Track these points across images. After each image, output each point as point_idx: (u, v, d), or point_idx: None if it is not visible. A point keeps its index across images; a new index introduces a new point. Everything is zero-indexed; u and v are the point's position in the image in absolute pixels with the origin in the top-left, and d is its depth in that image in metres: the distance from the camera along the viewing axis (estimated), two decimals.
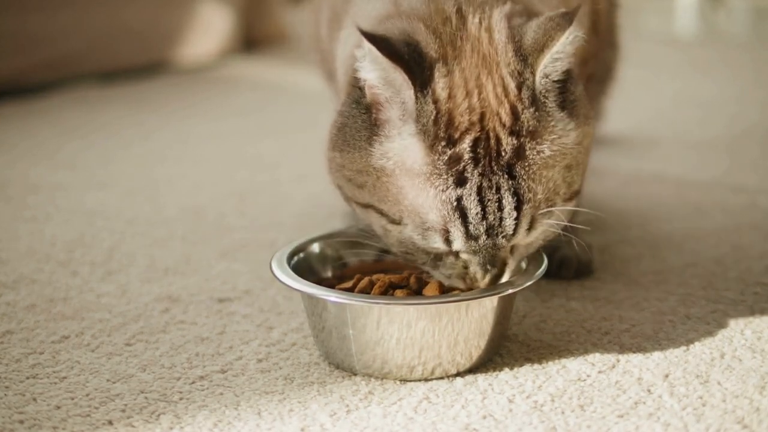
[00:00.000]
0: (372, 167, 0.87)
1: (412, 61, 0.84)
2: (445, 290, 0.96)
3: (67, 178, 1.66)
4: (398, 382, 0.91)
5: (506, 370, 0.94)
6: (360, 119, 0.89)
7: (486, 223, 0.85)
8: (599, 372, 0.93)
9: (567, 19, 0.85)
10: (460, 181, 0.84)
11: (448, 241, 0.86)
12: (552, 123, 0.86)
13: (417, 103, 0.84)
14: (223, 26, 2.82)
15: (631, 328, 1.02)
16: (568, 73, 0.88)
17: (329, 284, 1.00)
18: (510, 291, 0.91)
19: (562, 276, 1.15)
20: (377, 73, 0.85)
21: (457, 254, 0.89)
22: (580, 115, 0.88)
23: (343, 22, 1.01)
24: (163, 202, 1.51)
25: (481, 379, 0.92)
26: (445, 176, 0.84)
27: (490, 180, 0.84)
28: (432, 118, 0.84)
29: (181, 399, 0.89)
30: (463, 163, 0.84)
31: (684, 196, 1.49)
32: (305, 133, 1.98)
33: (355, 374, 0.93)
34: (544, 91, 0.86)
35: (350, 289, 0.98)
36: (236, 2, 2.86)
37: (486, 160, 0.84)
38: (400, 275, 0.99)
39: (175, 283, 1.17)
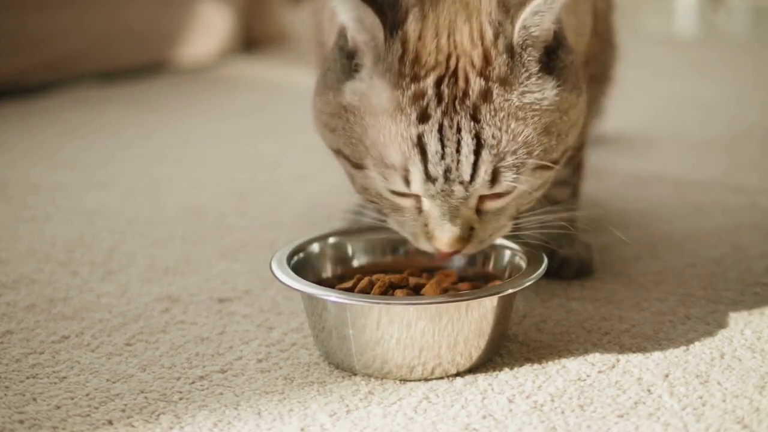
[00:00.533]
0: (343, 108, 0.88)
1: (384, 3, 0.86)
2: (443, 290, 0.96)
3: (67, 178, 1.66)
4: (398, 382, 0.91)
5: (506, 370, 0.94)
6: (340, 63, 0.90)
7: (444, 163, 0.84)
8: (599, 372, 0.93)
9: None
10: (423, 118, 0.84)
11: (407, 181, 0.85)
12: (526, 75, 0.85)
13: (386, 43, 0.85)
14: (223, 26, 2.82)
15: (631, 328, 1.02)
16: (558, 39, 0.88)
17: (329, 284, 1.00)
18: (510, 291, 0.92)
19: (562, 276, 1.15)
20: (351, 13, 0.86)
21: (419, 207, 0.88)
22: (567, 82, 0.87)
23: None
24: (163, 202, 1.51)
25: (481, 379, 0.92)
26: (408, 112, 0.84)
27: (452, 119, 0.83)
28: (398, 56, 0.85)
29: (181, 399, 0.89)
30: (426, 99, 0.84)
31: (684, 196, 1.50)
32: (305, 133, 1.97)
33: (355, 374, 0.93)
34: (521, 43, 0.85)
35: (350, 289, 0.98)
36: (236, 2, 2.86)
37: (450, 99, 0.84)
38: (400, 275, 0.99)
39: (175, 283, 1.17)
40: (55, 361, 0.97)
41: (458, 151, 0.83)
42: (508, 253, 1.02)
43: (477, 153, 0.83)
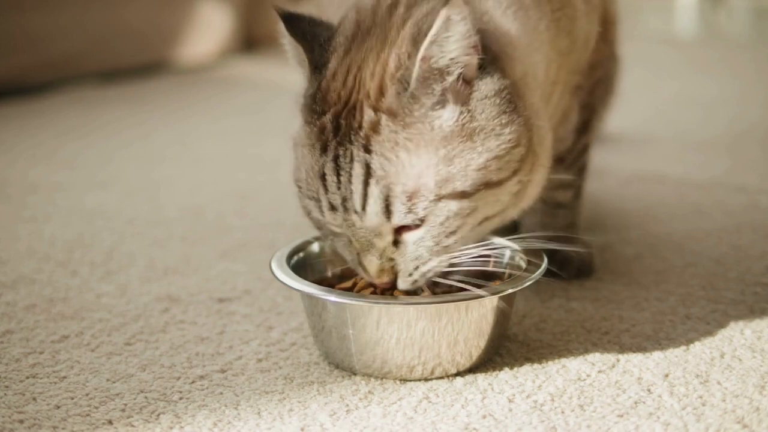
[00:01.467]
0: (292, 140, 0.93)
1: (315, 43, 0.90)
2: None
3: (66, 178, 1.66)
4: (398, 382, 0.91)
5: (506, 369, 0.94)
6: (298, 102, 0.94)
7: (340, 193, 0.86)
8: (599, 372, 0.93)
9: (442, 2, 0.84)
10: (324, 150, 0.87)
11: (320, 210, 0.89)
12: (417, 107, 0.84)
13: (309, 81, 0.91)
14: (223, 26, 2.83)
15: (631, 328, 1.02)
16: (484, 71, 0.86)
17: (329, 284, 1.00)
18: (509, 291, 0.91)
19: (562, 276, 1.15)
20: (292, 50, 0.92)
21: (349, 238, 0.90)
22: (483, 113, 0.85)
23: None
24: (163, 202, 1.51)
25: (481, 378, 0.92)
26: (315, 146, 0.88)
27: (346, 149, 0.86)
28: (311, 94, 0.89)
29: (180, 398, 0.89)
30: (327, 133, 0.87)
31: (684, 196, 1.50)
32: None
33: (355, 374, 0.93)
34: (420, 76, 0.84)
35: (350, 289, 0.98)
36: (236, 2, 2.86)
37: (346, 131, 0.86)
38: None
39: (175, 283, 1.17)
40: (55, 361, 0.97)
41: (350, 181, 0.85)
42: (507, 253, 1.02)
43: (366, 184, 0.85)
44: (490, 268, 1.03)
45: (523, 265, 0.97)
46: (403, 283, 0.90)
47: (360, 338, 0.91)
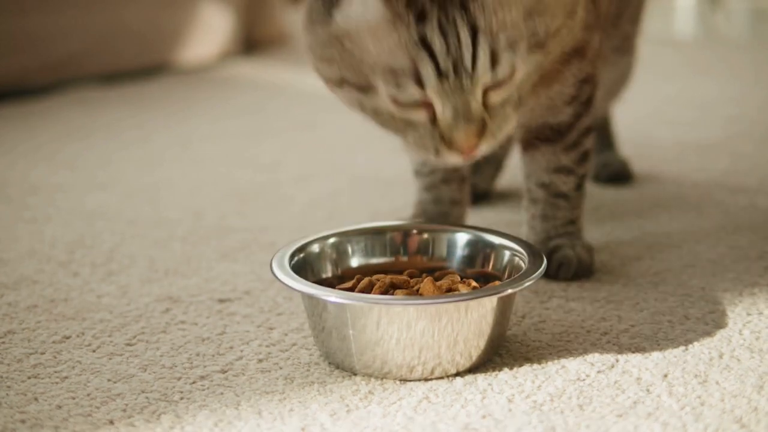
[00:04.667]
0: (335, 37, 0.91)
1: None
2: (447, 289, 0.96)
3: (67, 179, 1.66)
4: (398, 382, 0.92)
5: (506, 370, 0.94)
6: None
7: (451, 56, 0.87)
8: (598, 372, 0.93)
9: None
10: (421, 17, 0.87)
11: (420, 84, 0.88)
12: None
13: None
14: (223, 27, 2.83)
15: (630, 329, 1.02)
16: None
17: (329, 284, 1.00)
18: (509, 291, 0.92)
19: (561, 276, 1.16)
20: None
21: (432, 117, 0.90)
22: None
23: None
24: (164, 203, 1.52)
25: (481, 379, 0.92)
26: (407, 16, 0.87)
27: (447, 14, 0.87)
28: None
29: (181, 399, 0.90)
30: (421, 1, 0.87)
31: (683, 196, 1.50)
32: (305, 133, 1.98)
33: (355, 374, 0.93)
34: None
35: (350, 290, 0.98)
36: (236, 3, 2.86)
37: None
38: (401, 275, 1.00)
39: (176, 284, 1.18)
40: (57, 361, 0.97)
41: (458, 42, 0.87)
42: (507, 253, 1.02)
43: (474, 40, 0.87)
44: (489, 270, 1.04)
45: (523, 265, 0.98)
46: (486, 146, 0.92)
47: (360, 338, 0.91)
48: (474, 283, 0.99)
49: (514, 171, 1.45)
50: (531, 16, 0.90)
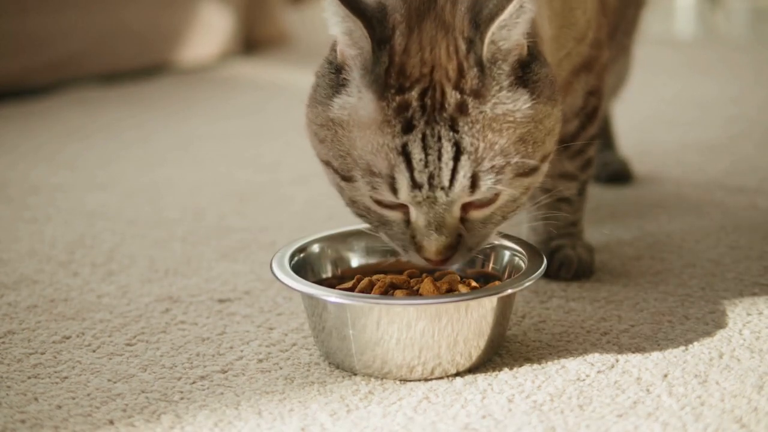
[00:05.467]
0: (331, 121, 0.90)
1: (373, 18, 0.88)
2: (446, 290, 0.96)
3: (67, 179, 1.66)
4: (398, 382, 0.92)
5: (506, 370, 0.94)
6: (328, 78, 0.92)
7: (428, 171, 0.86)
8: (598, 372, 0.93)
9: None
10: (407, 128, 0.86)
11: (394, 190, 0.88)
12: (497, 88, 0.88)
13: (373, 55, 0.88)
14: (223, 27, 2.83)
15: (630, 329, 1.02)
16: (532, 54, 0.91)
17: (329, 284, 1.00)
18: (509, 291, 0.92)
19: (561, 276, 1.16)
20: (342, 26, 0.88)
21: (406, 219, 0.90)
22: (541, 95, 0.90)
23: None
24: (164, 203, 1.52)
25: (481, 379, 0.92)
26: (394, 122, 0.87)
27: (433, 129, 0.86)
28: (384, 67, 0.87)
29: (181, 399, 0.90)
30: (411, 111, 0.87)
31: (683, 196, 1.50)
32: (305, 133, 1.98)
33: (355, 374, 0.93)
34: (490, 57, 0.88)
35: (350, 290, 0.98)
36: (236, 3, 2.86)
37: (431, 110, 0.87)
38: (400, 276, 1.00)
39: (176, 284, 1.18)
40: (57, 361, 0.97)
41: (439, 158, 0.86)
42: (507, 253, 1.02)
43: (456, 160, 0.86)
44: (489, 270, 1.04)
45: (523, 265, 0.98)
46: (460, 258, 0.92)
47: (360, 338, 0.91)
48: (474, 283, 0.99)
49: None
50: (524, 143, 0.88)
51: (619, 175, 1.57)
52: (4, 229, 1.40)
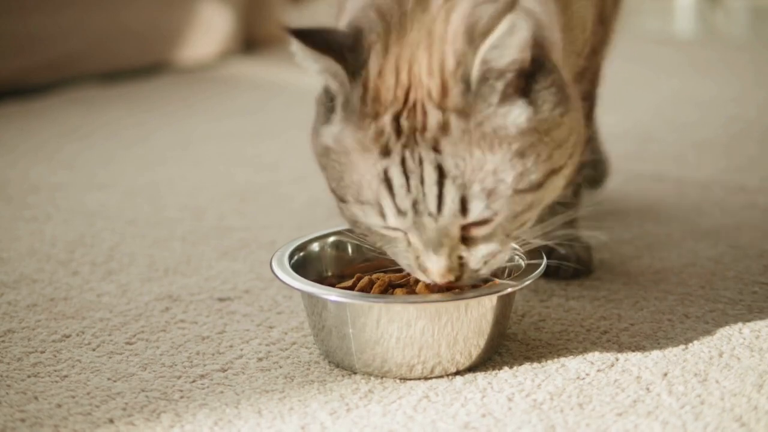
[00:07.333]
0: (324, 147, 0.89)
1: (344, 49, 0.86)
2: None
3: (67, 179, 1.66)
4: (398, 381, 0.92)
5: (505, 368, 0.94)
6: (324, 106, 0.91)
7: (411, 196, 0.84)
8: (598, 371, 0.93)
9: (508, 5, 0.82)
10: (385, 153, 0.84)
11: (382, 215, 0.86)
12: (485, 105, 0.83)
13: (351, 86, 0.86)
14: (223, 27, 2.83)
15: (630, 327, 1.02)
16: (537, 63, 0.86)
17: (329, 283, 1.00)
18: (509, 290, 0.92)
19: (560, 275, 1.16)
20: (316, 66, 0.87)
21: (407, 239, 0.88)
22: (546, 104, 0.86)
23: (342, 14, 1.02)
24: (164, 203, 1.52)
25: (481, 377, 0.92)
26: (372, 150, 0.84)
27: (413, 152, 0.83)
28: (359, 96, 0.85)
29: (181, 397, 0.90)
30: (386, 136, 0.84)
31: (683, 195, 1.50)
32: (305, 133, 1.98)
33: (355, 373, 0.93)
34: (480, 76, 0.83)
35: (350, 288, 0.98)
36: (236, 3, 2.86)
37: (410, 132, 0.84)
38: (400, 274, 1.00)
39: (176, 283, 1.18)
40: (57, 360, 0.97)
41: (422, 182, 0.83)
42: None
43: (440, 184, 0.83)
44: None
45: (522, 264, 0.98)
46: (468, 279, 0.89)
47: (360, 337, 0.91)
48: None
49: None
50: (523, 158, 0.84)
51: (597, 178, 1.52)
52: (4, 228, 1.40)
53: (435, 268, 0.87)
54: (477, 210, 0.84)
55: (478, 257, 0.88)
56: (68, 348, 1.00)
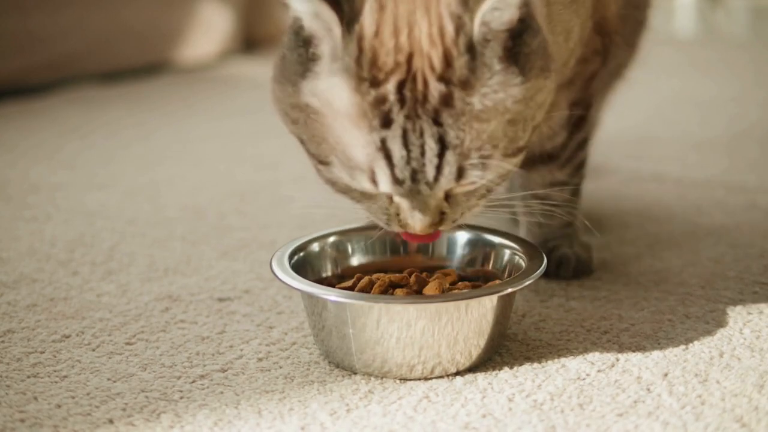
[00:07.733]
0: (303, 104, 0.85)
1: None
2: (445, 290, 0.96)
3: (67, 178, 1.66)
4: (398, 381, 0.92)
5: (506, 369, 0.94)
6: (297, 52, 0.86)
7: (410, 167, 0.82)
8: (598, 371, 0.93)
9: None
10: (386, 123, 0.81)
11: (374, 182, 0.84)
12: (488, 76, 0.82)
13: (343, 41, 0.82)
14: (223, 26, 2.83)
15: (631, 327, 1.02)
16: (524, 23, 0.84)
17: (329, 283, 1.00)
18: (509, 290, 0.92)
19: (561, 275, 1.15)
20: (307, 6, 0.82)
21: (390, 198, 0.87)
22: (534, 69, 0.84)
23: None
24: (164, 202, 1.52)
25: (481, 378, 0.92)
26: (371, 117, 0.81)
27: (414, 123, 0.81)
28: (354, 57, 0.81)
29: (181, 398, 0.89)
30: (388, 104, 0.81)
31: (683, 195, 1.50)
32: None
33: (355, 373, 0.93)
34: (482, 39, 0.82)
35: (350, 288, 0.98)
36: (236, 2, 2.86)
37: (412, 103, 0.81)
38: (400, 274, 1.00)
39: (176, 283, 1.18)
40: (56, 360, 0.97)
41: (422, 154, 0.82)
42: (507, 252, 1.02)
43: (441, 155, 0.82)
44: (489, 269, 1.04)
45: (523, 264, 0.98)
46: (444, 227, 0.88)
47: (360, 337, 0.91)
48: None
49: None
50: (514, 125, 0.83)
51: None
52: (4, 228, 1.40)
53: (418, 225, 0.86)
54: (472, 177, 0.84)
55: (457, 211, 0.88)
56: (68, 348, 1.00)
